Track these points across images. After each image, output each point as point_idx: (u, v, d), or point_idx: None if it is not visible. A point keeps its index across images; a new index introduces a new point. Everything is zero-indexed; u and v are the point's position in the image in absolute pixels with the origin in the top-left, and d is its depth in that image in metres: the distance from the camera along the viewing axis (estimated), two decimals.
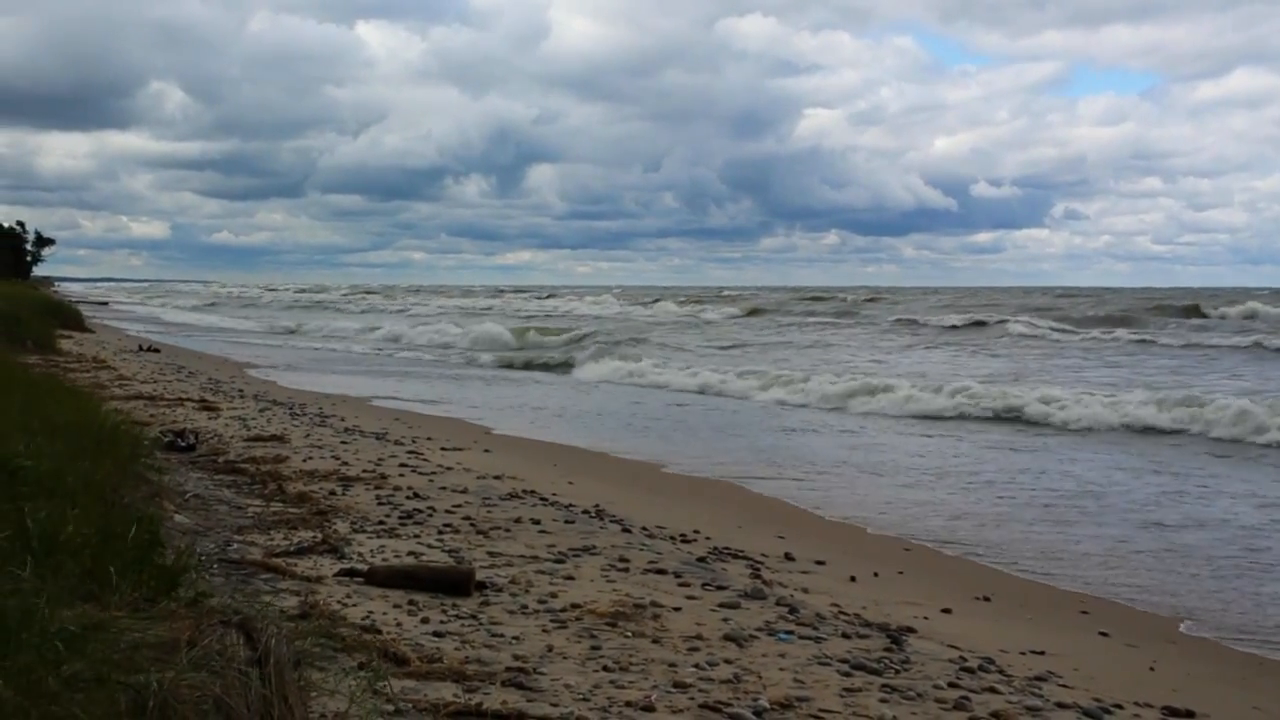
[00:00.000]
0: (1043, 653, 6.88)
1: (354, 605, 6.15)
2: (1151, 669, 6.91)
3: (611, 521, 9.70)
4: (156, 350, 30.41)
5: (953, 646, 6.65)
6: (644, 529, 9.51)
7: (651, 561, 8.04)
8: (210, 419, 14.67)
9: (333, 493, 9.65)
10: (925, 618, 7.48)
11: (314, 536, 7.76)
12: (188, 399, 17.08)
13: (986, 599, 8.41)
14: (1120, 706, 5.77)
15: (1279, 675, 7.04)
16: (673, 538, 9.34)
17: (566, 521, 9.34)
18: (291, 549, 7.35)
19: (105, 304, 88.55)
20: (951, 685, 5.68)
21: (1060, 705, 5.57)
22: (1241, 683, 6.84)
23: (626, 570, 7.71)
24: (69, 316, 39.91)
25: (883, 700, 5.31)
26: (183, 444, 11.57)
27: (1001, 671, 6.18)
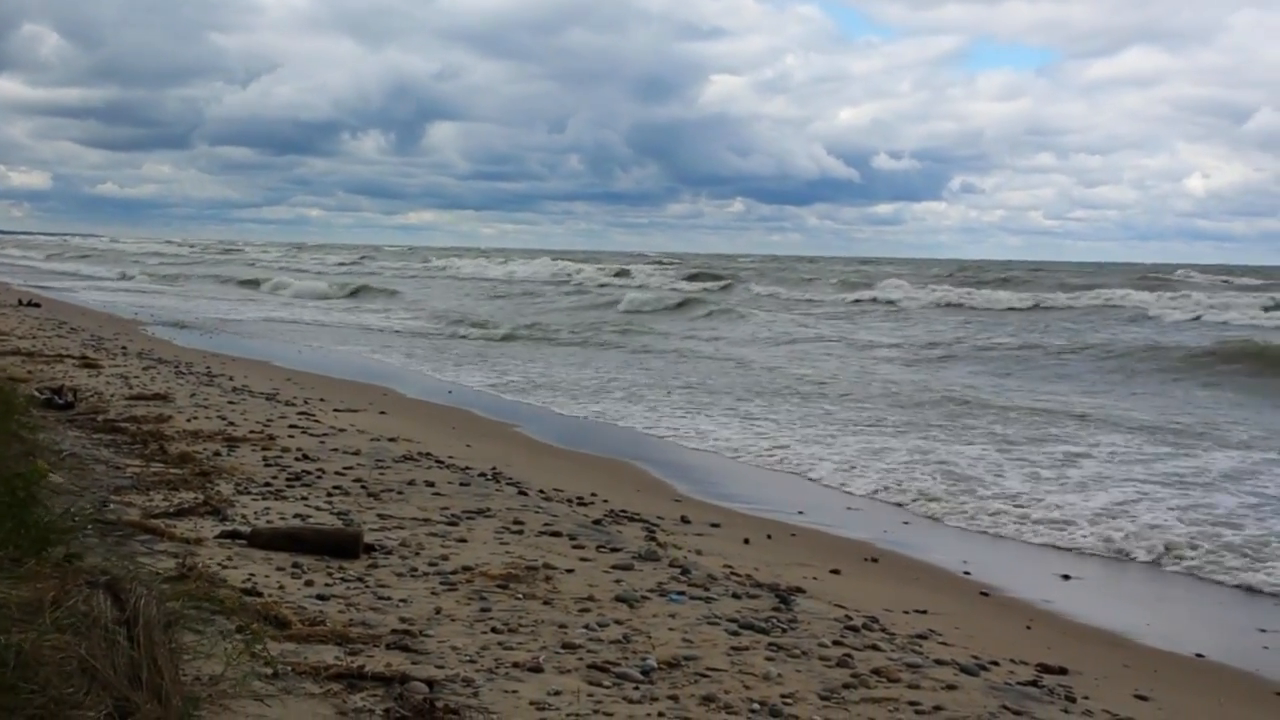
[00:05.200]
0: (925, 612, 7.04)
1: (235, 568, 6.01)
2: (1028, 627, 7.12)
3: (508, 484, 9.64)
4: (37, 305, 29.30)
5: (839, 606, 6.76)
6: (541, 492, 9.47)
7: (547, 524, 8.01)
8: (91, 376, 14.18)
9: (217, 453, 9.39)
10: (815, 578, 7.59)
11: (195, 498, 7.54)
12: (68, 355, 16.49)
13: (874, 560, 8.58)
14: (996, 663, 5.93)
15: (1150, 634, 7.31)
16: (570, 501, 9.31)
17: (462, 484, 9.25)
18: (171, 510, 7.14)
19: None
20: (836, 643, 5.77)
21: (939, 662, 5.70)
22: (1113, 641, 7.09)
23: (521, 533, 7.66)
24: None
25: (769, 659, 5.37)
26: (60, 401, 11.16)
27: (885, 630, 6.30)
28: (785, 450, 12.94)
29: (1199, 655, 6.90)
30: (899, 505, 10.50)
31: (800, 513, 10.10)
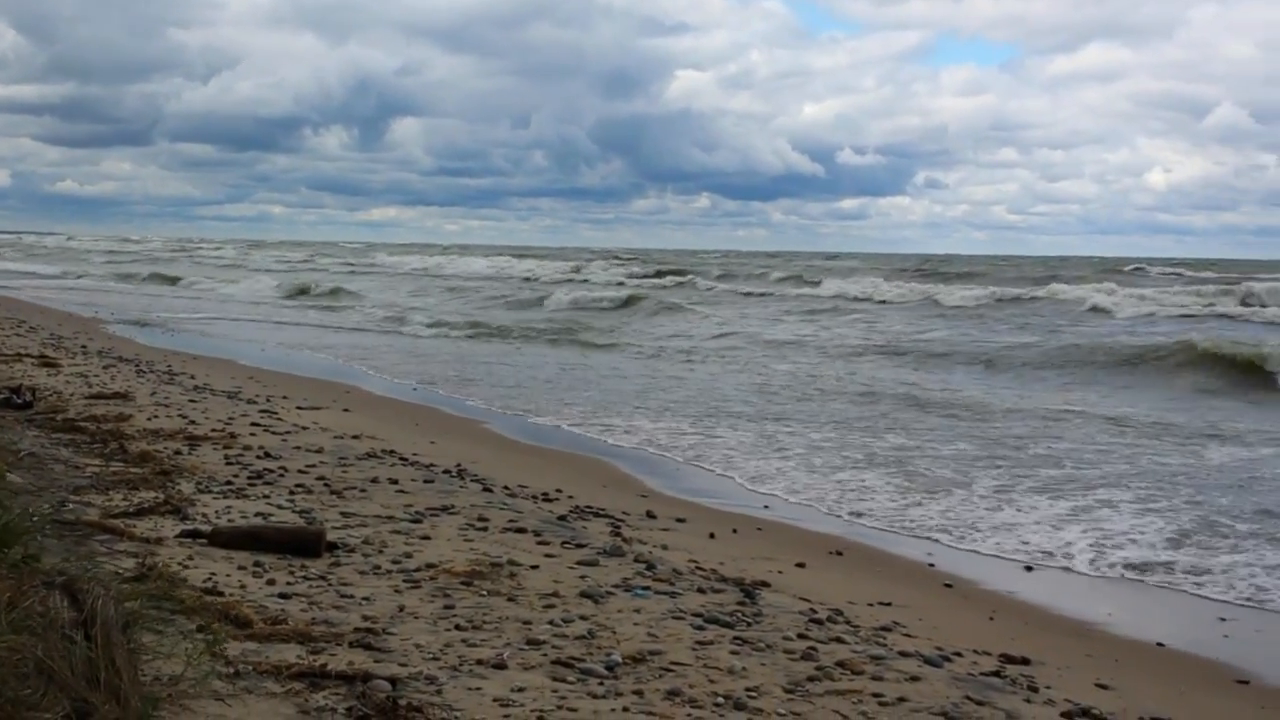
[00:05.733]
0: (889, 604, 7.08)
1: (195, 567, 5.95)
2: (991, 619, 7.17)
3: (473, 481, 9.60)
4: None
5: (804, 599, 6.78)
6: (506, 488, 9.44)
7: (511, 520, 7.99)
8: (50, 375, 14.00)
9: (178, 452, 9.30)
10: (780, 572, 7.61)
11: (156, 497, 7.46)
12: (26, 354, 16.26)
13: (839, 554, 8.61)
14: (960, 654, 5.96)
15: (1112, 625, 7.39)
16: (534, 497, 9.29)
17: (426, 481, 9.20)
18: (131, 510, 7.05)
19: None
20: (800, 636, 5.79)
21: (903, 654, 5.73)
22: (1075, 631, 7.16)
23: (485, 529, 7.63)
24: None
25: (733, 652, 5.38)
26: (18, 401, 11.00)
27: (849, 623, 6.33)
28: (722, 444, 12.97)
29: (1160, 644, 6.98)
30: (859, 501, 10.53)
31: (766, 507, 10.14)
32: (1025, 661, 6.08)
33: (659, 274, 56.03)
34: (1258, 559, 8.63)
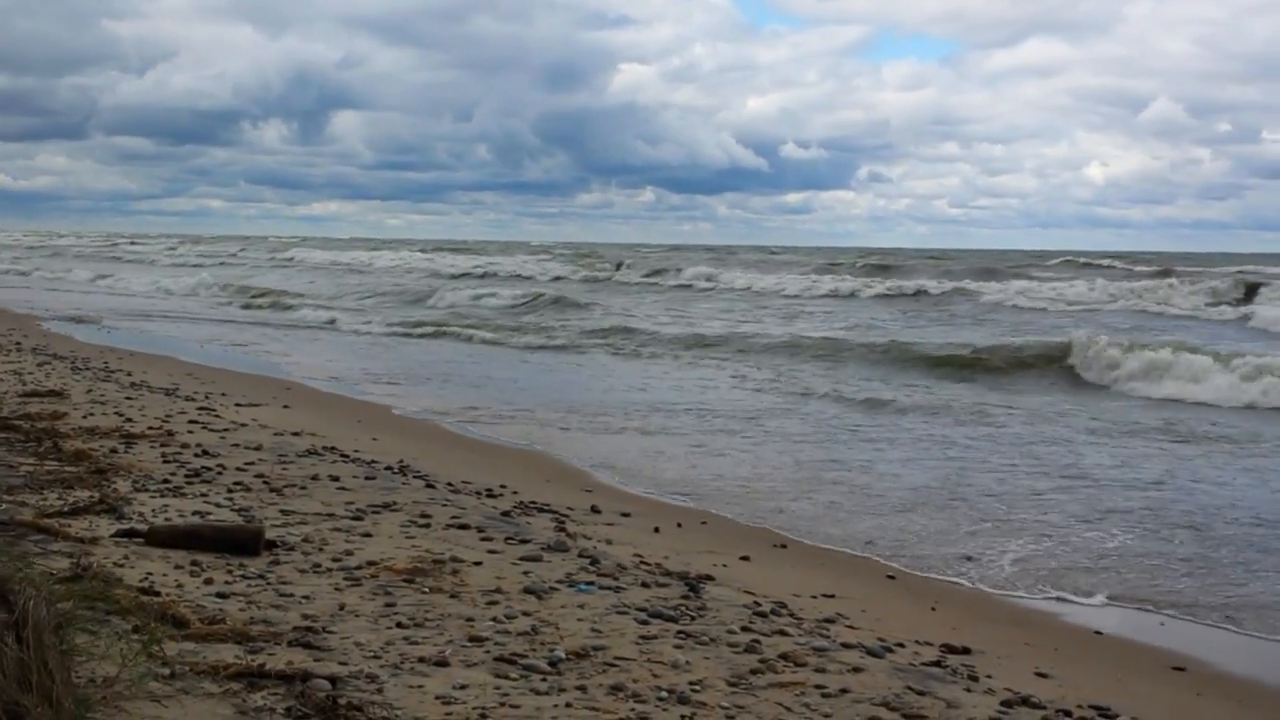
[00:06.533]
0: (833, 596, 7.13)
1: (131, 567, 5.85)
2: (933, 609, 7.25)
3: (415, 477, 9.53)
4: None
5: (748, 592, 6.81)
6: (449, 485, 9.38)
7: (454, 517, 7.94)
8: None
9: (114, 450, 9.14)
10: (724, 565, 7.64)
11: (91, 496, 7.33)
12: None
13: (783, 546, 8.66)
14: (902, 645, 6.02)
15: (1051, 613, 7.50)
16: (478, 493, 9.23)
17: (367, 478, 9.12)
18: (66, 509, 6.93)
19: None
20: (744, 629, 5.81)
21: (845, 645, 5.77)
22: (1015, 620, 7.26)
23: (428, 526, 7.58)
24: None
25: (677, 646, 5.39)
26: None
27: (793, 615, 6.37)
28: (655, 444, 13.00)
29: (1098, 632, 7.09)
30: (806, 501, 10.61)
31: (711, 500, 10.15)
32: (966, 651, 6.15)
33: (590, 267, 56.14)
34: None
